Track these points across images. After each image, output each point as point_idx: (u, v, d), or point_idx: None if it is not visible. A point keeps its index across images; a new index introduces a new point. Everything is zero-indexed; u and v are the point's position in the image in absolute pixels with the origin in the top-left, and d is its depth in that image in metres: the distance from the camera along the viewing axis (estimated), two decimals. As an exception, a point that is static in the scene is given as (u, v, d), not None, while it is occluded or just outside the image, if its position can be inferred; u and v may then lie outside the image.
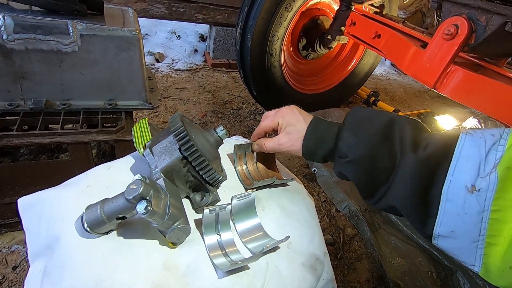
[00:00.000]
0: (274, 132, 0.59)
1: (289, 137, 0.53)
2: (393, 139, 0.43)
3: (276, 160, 0.67)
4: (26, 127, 0.86)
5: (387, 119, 0.46)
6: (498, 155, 0.35)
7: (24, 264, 0.89)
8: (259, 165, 0.63)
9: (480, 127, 1.95)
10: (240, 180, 0.59)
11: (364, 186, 0.46)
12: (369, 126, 0.46)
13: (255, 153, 0.62)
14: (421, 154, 0.39)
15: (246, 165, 0.62)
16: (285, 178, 0.61)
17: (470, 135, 0.38)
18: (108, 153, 1.12)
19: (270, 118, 0.57)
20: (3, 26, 0.72)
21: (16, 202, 0.48)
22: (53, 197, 0.46)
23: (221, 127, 0.53)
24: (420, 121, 0.46)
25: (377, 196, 0.45)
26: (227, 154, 0.64)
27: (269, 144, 0.57)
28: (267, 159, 0.64)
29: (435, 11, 1.01)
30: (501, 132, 0.36)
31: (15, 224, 0.94)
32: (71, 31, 0.78)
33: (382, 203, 0.45)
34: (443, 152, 0.38)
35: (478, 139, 0.37)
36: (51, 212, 0.45)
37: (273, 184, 0.59)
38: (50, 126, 0.94)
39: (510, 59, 1.09)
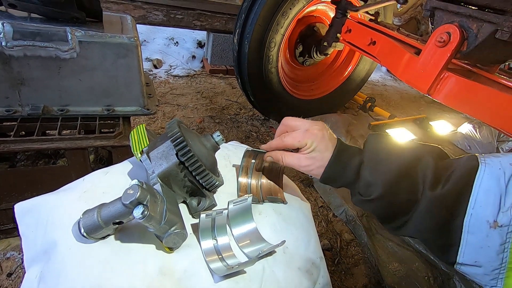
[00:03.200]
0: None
1: (312, 161, 0.51)
2: (415, 176, 0.44)
3: (284, 175, 0.64)
4: (23, 132, 0.86)
5: (408, 156, 0.45)
6: None
7: (19, 271, 0.89)
8: (263, 181, 0.60)
9: (475, 132, 1.97)
10: (237, 191, 0.58)
11: (384, 218, 0.47)
12: (389, 164, 0.45)
13: (263, 165, 0.60)
14: (441, 191, 0.40)
15: (251, 179, 0.59)
16: (285, 202, 0.59)
17: (489, 166, 0.38)
18: (106, 159, 1.12)
19: (298, 137, 0.52)
20: (2, 33, 0.73)
21: (13, 208, 0.48)
22: (50, 203, 0.47)
23: (217, 133, 0.53)
24: (440, 147, 0.46)
25: (396, 224, 0.45)
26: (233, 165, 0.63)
27: (289, 160, 0.53)
28: (273, 172, 0.61)
29: (429, 19, 1.03)
30: None
31: (10, 230, 0.93)
32: (69, 38, 0.79)
33: (401, 231, 0.46)
34: (463, 184, 0.39)
35: (497, 171, 0.38)
36: (48, 217, 0.45)
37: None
38: (47, 131, 0.94)
39: (503, 65, 1.11)
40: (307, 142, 0.51)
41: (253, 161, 0.60)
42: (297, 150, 0.53)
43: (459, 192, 0.39)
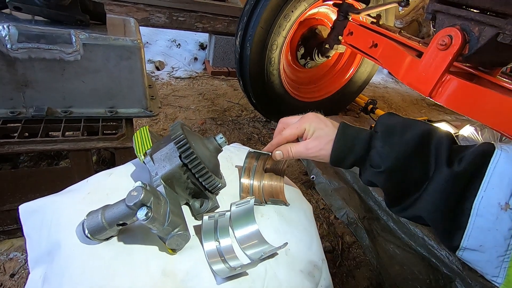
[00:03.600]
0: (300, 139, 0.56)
1: (318, 141, 0.50)
2: (428, 151, 0.43)
3: (285, 177, 0.65)
4: (26, 134, 0.87)
5: (422, 130, 0.44)
6: None
7: (22, 271, 0.89)
8: (265, 182, 0.61)
9: (476, 134, 1.97)
10: (240, 192, 0.58)
11: (394, 194, 0.45)
12: (402, 135, 0.45)
13: (265, 167, 0.61)
14: (455, 169, 0.39)
15: (253, 180, 0.60)
16: (287, 204, 0.59)
17: (505, 151, 0.38)
18: (108, 160, 1.12)
19: (295, 125, 0.54)
20: (7, 36, 0.73)
21: (17, 209, 0.48)
22: (54, 204, 0.47)
23: (220, 135, 0.54)
24: (452, 133, 0.45)
25: (405, 204, 0.44)
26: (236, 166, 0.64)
27: (296, 149, 0.53)
28: (275, 174, 0.62)
29: (430, 21, 1.03)
30: None
31: (14, 231, 0.94)
32: (74, 40, 0.79)
33: (408, 212, 0.44)
34: (476, 167, 0.38)
35: None
36: (52, 218, 0.45)
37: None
38: (50, 133, 0.95)
39: (504, 68, 1.11)
40: (305, 126, 0.52)
41: (255, 163, 0.61)
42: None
43: (472, 173, 0.38)
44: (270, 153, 0.57)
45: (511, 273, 0.35)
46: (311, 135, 0.52)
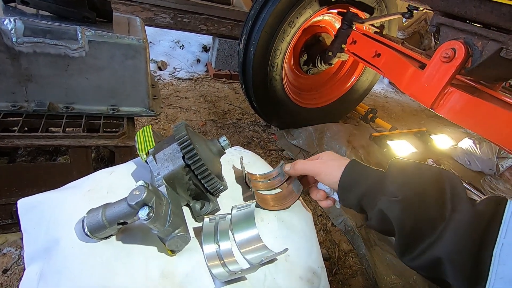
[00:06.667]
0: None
1: (331, 164, 0.51)
2: (443, 189, 0.41)
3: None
4: (26, 128, 0.86)
5: (435, 168, 0.44)
6: None
7: (16, 267, 0.88)
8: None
9: (475, 147, 1.98)
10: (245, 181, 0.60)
11: (408, 233, 0.41)
12: (417, 172, 0.44)
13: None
14: (477, 207, 0.38)
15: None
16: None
17: None
18: (107, 158, 1.12)
19: (311, 157, 0.56)
20: (13, 29, 0.73)
21: (15, 203, 0.48)
22: (54, 200, 0.47)
23: (224, 137, 0.54)
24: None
25: (422, 248, 0.40)
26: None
27: (304, 163, 0.55)
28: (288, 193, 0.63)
29: (433, 34, 1.04)
30: None
31: (9, 226, 0.93)
32: (79, 36, 0.79)
33: (426, 256, 0.40)
34: (493, 211, 0.37)
35: None
36: (51, 214, 0.45)
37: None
38: (50, 128, 0.94)
39: (505, 83, 1.12)
40: (320, 155, 0.54)
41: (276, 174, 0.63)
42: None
43: (490, 217, 0.37)
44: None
45: None
46: (319, 159, 0.54)
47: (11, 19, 0.73)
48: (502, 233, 0.35)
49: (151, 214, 0.37)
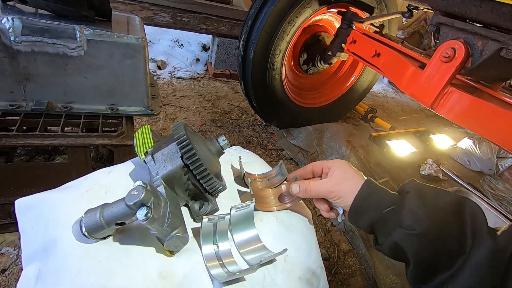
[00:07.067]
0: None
1: (337, 181, 0.48)
2: (463, 221, 0.40)
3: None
4: (25, 128, 0.86)
5: (455, 197, 0.42)
6: None
7: (14, 267, 0.87)
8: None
9: (474, 147, 1.98)
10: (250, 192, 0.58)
11: (425, 266, 0.40)
12: (436, 199, 0.42)
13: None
14: (497, 242, 0.37)
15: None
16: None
17: None
18: (106, 158, 1.11)
19: (323, 161, 0.52)
20: (11, 28, 0.73)
21: (12, 203, 0.47)
22: (52, 200, 0.46)
23: (222, 137, 0.53)
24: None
25: (438, 280, 0.39)
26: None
27: (315, 185, 0.50)
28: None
29: (432, 33, 1.04)
30: None
31: (7, 225, 0.92)
32: (78, 35, 0.79)
33: None
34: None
35: None
36: (49, 214, 0.44)
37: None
38: (49, 127, 0.94)
39: (505, 83, 1.12)
40: (332, 165, 0.50)
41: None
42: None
43: (511, 254, 0.35)
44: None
45: None
46: (331, 175, 0.50)
47: (9, 18, 0.72)
48: None
49: (149, 214, 0.37)
